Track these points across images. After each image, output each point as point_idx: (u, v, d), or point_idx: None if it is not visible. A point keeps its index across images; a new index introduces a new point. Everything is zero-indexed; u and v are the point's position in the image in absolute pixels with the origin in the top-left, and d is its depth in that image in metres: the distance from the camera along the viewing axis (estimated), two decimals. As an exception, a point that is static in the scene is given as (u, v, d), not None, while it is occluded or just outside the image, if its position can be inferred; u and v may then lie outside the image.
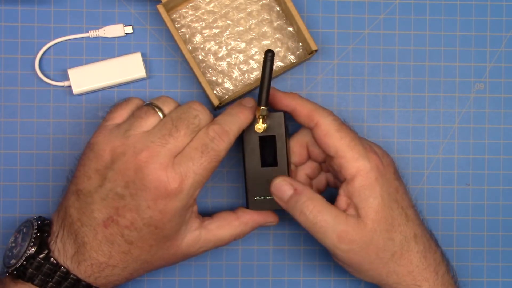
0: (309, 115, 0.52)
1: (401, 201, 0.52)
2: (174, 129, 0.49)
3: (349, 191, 0.51)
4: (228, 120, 0.51)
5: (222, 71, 0.59)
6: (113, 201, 0.48)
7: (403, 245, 0.51)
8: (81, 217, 0.49)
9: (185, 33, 0.59)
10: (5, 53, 0.59)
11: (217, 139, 0.49)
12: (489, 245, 0.61)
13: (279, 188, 0.52)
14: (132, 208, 0.48)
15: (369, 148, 0.51)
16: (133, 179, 0.48)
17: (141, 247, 0.49)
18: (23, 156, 0.59)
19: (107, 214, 0.49)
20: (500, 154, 0.61)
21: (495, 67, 0.61)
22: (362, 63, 0.60)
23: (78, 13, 0.59)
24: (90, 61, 0.59)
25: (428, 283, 0.52)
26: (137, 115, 0.51)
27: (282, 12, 0.59)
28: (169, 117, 0.50)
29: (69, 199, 0.50)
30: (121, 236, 0.49)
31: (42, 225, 0.51)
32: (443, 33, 0.61)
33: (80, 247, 0.49)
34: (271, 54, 0.49)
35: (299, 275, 0.60)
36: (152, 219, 0.48)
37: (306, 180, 0.56)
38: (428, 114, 0.61)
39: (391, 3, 0.61)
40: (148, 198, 0.48)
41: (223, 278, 0.60)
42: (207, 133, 0.49)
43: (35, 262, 0.49)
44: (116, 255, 0.49)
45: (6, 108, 0.59)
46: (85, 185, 0.50)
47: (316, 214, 0.50)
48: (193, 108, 0.50)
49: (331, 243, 0.50)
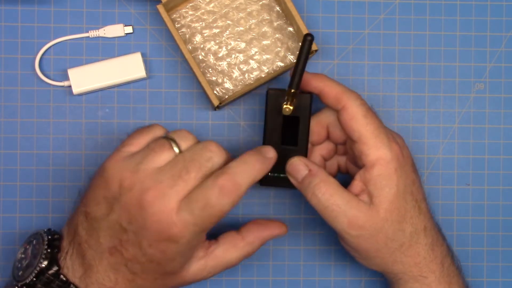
0: (337, 97, 0.51)
1: (416, 194, 0.52)
2: (184, 170, 0.47)
3: (366, 177, 0.51)
4: (243, 170, 0.47)
5: (222, 71, 0.59)
6: (118, 232, 0.47)
7: (412, 237, 0.51)
8: (89, 239, 0.48)
9: (185, 33, 0.59)
10: (5, 53, 0.59)
11: (224, 193, 0.46)
12: (489, 245, 0.61)
13: (294, 167, 0.52)
14: (135, 243, 0.47)
15: (392, 138, 0.51)
16: (136, 217, 0.46)
17: (145, 278, 0.48)
18: (23, 156, 0.59)
19: (112, 243, 0.48)
20: (500, 154, 0.61)
21: (495, 67, 0.61)
22: (362, 63, 0.60)
23: (78, 13, 0.59)
24: (90, 61, 0.59)
25: (434, 274, 0.52)
26: (151, 148, 0.48)
27: (282, 12, 0.59)
28: (182, 156, 0.48)
29: (79, 218, 0.49)
30: (125, 266, 0.48)
31: (52, 240, 0.50)
32: (443, 33, 0.61)
33: (87, 270, 0.48)
34: (310, 38, 0.48)
35: (299, 275, 0.60)
36: (154, 257, 0.47)
37: (320, 160, 0.56)
38: (428, 114, 0.61)
39: (391, 3, 0.61)
40: (150, 238, 0.46)
41: (223, 278, 0.60)
42: (216, 183, 0.46)
43: (44, 278, 0.48)
44: (122, 282, 0.48)
45: (6, 108, 0.59)
46: (93, 210, 0.48)
47: (328, 197, 0.50)
48: (208, 149, 0.48)
49: (341, 227, 0.50)
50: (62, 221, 0.59)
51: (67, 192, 0.59)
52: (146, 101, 0.59)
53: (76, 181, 0.59)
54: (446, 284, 0.53)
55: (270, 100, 0.53)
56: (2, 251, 0.59)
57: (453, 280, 0.53)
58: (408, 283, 0.53)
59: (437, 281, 0.52)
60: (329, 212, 0.50)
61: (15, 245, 0.59)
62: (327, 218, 0.51)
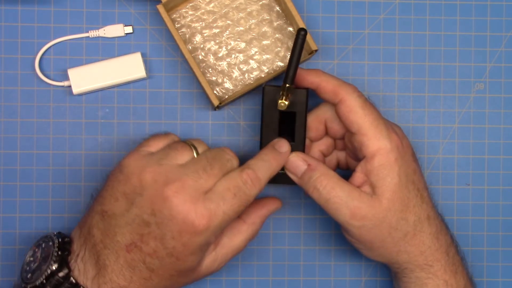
0: (333, 91, 0.52)
1: (417, 183, 0.52)
2: (209, 166, 0.49)
3: (367, 169, 0.51)
4: (261, 166, 0.50)
5: (222, 71, 0.59)
6: (139, 227, 0.48)
7: (416, 226, 0.52)
8: (104, 239, 0.48)
9: (185, 33, 0.59)
10: (5, 53, 0.59)
11: (250, 184, 0.49)
12: (489, 245, 0.61)
13: (293, 163, 0.52)
14: (157, 236, 0.47)
15: (391, 128, 0.52)
16: (160, 208, 0.47)
17: (161, 275, 0.49)
18: (23, 156, 0.59)
19: (130, 239, 0.48)
20: (500, 154, 0.61)
21: (495, 67, 0.61)
22: (362, 63, 0.60)
23: (78, 13, 0.59)
24: (90, 61, 0.59)
25: (440, 263, 0.52)
26: (173, 147, 0.50)
27: (282, 12, 0.59)
28: (204, 155, 0.50)
29: (93, 218, 0.49)
30: (143, 262, 0.48)
31: (63, 243, 0.50)
32: (443, 33, 0.61)
33: (101, 270, 0.48)
34: (303, 33, 0.48)
35: (299, 275, 0.60)
36: (175, 250, 0.47)
37: (320, 156, 0.56)
38: (428, 114, 0.61)
39: (391, 3, 0.61)
40: (174, 230, 0.47)
41: (223, 278, 0.60)
42: (241, 176, 0.49)
43: (54, 281, 0.48)
44: (137, 280, 0.48)
45: (6, 108, 0.59)
46: (111, 207, 0.49)
47: (330, 190, 0.50)
48: (227, 152, 0.51)
49: (344, 219, 0.51)
50: (63, 221, 0.59)
51: (67, 192, 0.59)
52: (146, 101, 0.59)
53: (76, 181, 0.59)
54: (451, 273, 0.53)
55: (266, 96, 0.53)
56: (2, 251, 0.59)
57: (458, 269, 0.53)
58: (414, 272, 0.53)
59: (443, 269, 0.52)
60: (331, 205, 0.51)
61: (15, 245, 0.59)
62: (330, 211, 0.51)
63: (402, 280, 0.54)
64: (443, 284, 0.52)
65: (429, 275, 0.52)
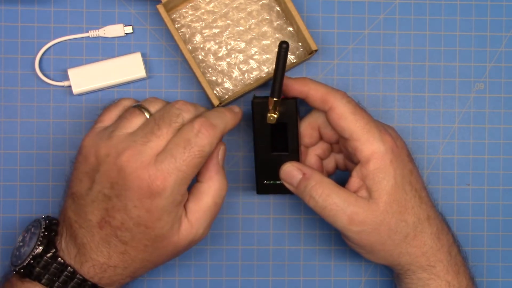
0: (323, 99, 0.51)
1: (414, 183, 0.52)
2: (156, 127, 0.49)
3: (363, 173, 0.51)
4: (215, 115, 0.50)
5: (222, 71, 0.59)
6: (102, 202, 0.49)
7: (416, 227, 0.52)
8: (78, 219, 0.50)
9: (185, 33, 0.59)
10: (5, 53, 0.59)
11: (202, 133, 0.48)
12: (489, 245, 0.61)
13: (288, 173, 0.52)
14: (120, 208, 0.48)
15: (384, 130, 0.51)
16: (116, 180, 0.48)
17: (136, 247, 0.49)
18: (23, 156, 0.59)
19: (99, 215, 0.49)
20: (500, 154, 0.61)
21: (495, 67, 0.61)
22: (362, 63, 0.60)
23: (78, 13, 0.59)
24: (90, 61, 0.59)
25: (442, 263, 0.52)
26: (122, 117, 0.51)
27: (282, 12, 0.59)
28: (152, 117, 0.50)
29: (67, 202, 0.51)
30: (116, 236, 0.49)
31: (50, 225, 0.51)
32: (443, 33, 0.61)
33: (81, 248, 0.49)
34: (285, 46, 0.47)
35: (299, 275, 0.60)
36: (141, 218, 0.48)
37: (317, 160, 0.56)
38: (428, 114, 0.61)
39: (391, 3, 0.61)
40: (133, 198, 0.48)
41: (223, 278, 0.60)
42: (192, 126, 0.48)
43: (42, 261, 0.49)
44: (115, 255, 0.49)
45: (6, 108, 0.59)
46: (78, 188, 0.50)
47: (326, 198, 0.50)
48: (176, 107, 0.50)
49: (342, 225, 0.51)
50: (62, 221, 0.59)
51: (67, 192, 0.59)
52: (146, 101, 0.59)
53: (76, 181, 0.59)
54: (454, 273, 0.53)
55: (255, 109, 0.53)
56: (2, 252, 0.59)
57: (461, 269, 0.53)
58: (416, 273, 0.53)
59: (445, 270, 0.52)
60: (328, 212, 0.50)
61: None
62: (327, 218, 0.51)
63: (404, 281, 0.54)
64: (445, 285, 0.52)
65: (432, 276, 0.52)
